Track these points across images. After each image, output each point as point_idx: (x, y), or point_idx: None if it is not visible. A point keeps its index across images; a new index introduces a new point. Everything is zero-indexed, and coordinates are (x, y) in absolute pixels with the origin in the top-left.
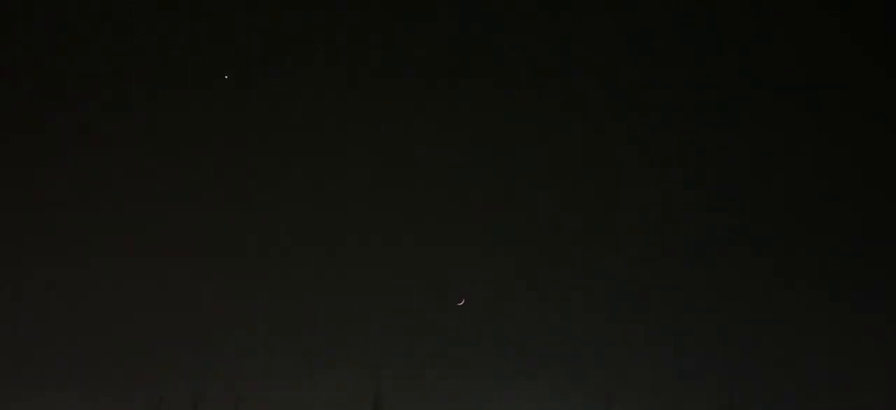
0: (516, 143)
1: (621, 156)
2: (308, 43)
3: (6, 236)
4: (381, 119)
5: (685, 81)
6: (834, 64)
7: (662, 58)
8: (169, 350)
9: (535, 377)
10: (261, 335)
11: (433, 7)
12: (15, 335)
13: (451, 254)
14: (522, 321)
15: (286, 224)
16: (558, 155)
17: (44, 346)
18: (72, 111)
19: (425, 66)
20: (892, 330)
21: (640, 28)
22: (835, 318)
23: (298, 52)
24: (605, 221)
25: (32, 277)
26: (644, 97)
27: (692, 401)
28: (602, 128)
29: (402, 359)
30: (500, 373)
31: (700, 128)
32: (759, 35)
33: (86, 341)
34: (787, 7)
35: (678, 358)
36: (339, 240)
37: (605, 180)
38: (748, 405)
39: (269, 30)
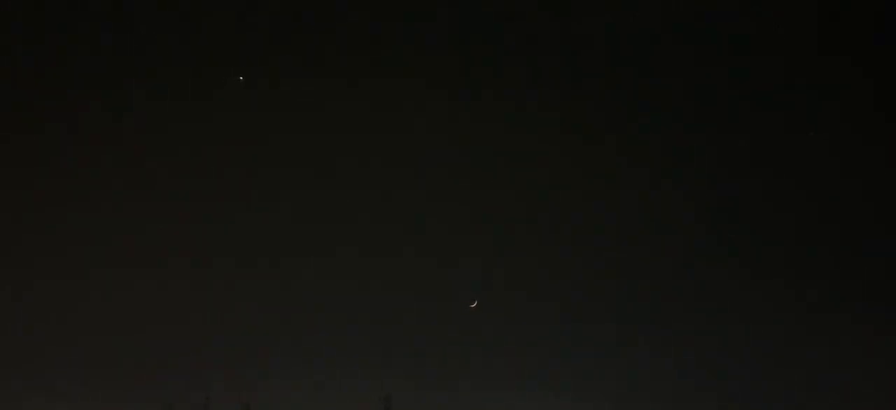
0: (518, 145)
1: (624, 157)
2: (306, 43)
3: (6, 237)
4: (382, 120)
5: (689, 83)
6: (835, 65)
7: (665, 59)
8: (175, 355)
9: (548, 381)
10: (269, 339)
11: (433, 7)
12: (16, 338)
13: (462, 257)
14: (531, 325)
15: (295, 226)
16: (560, 156)
17: (45, 350)
18: (72, 111)
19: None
20: (893, 330)
21: (641, 29)
22: (836, 318)
23: (297, 52)
24: (608, 223)
25: (33, 280)
26: (647, 99)
27: (692, 401)
28: (605, 130)
29: (412, 363)
30: (511, 378)
31: (704, 130)
32: (765, 36)
33: (89, 346)
34: (789, 9)
35: (679, 359)
36: (348, 242)
37: (608, 182)
38: (748, 405)
39: (267, 30)
